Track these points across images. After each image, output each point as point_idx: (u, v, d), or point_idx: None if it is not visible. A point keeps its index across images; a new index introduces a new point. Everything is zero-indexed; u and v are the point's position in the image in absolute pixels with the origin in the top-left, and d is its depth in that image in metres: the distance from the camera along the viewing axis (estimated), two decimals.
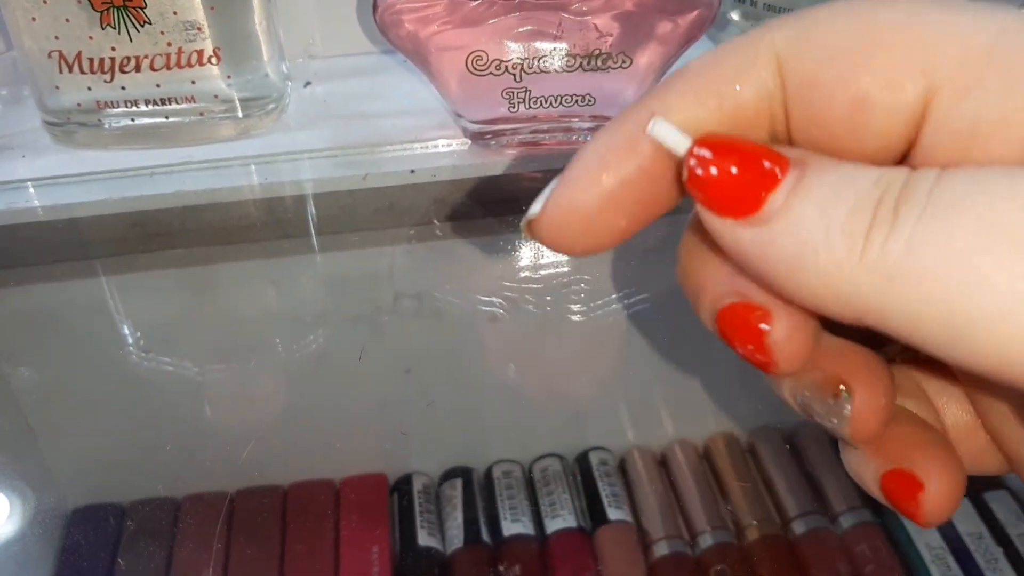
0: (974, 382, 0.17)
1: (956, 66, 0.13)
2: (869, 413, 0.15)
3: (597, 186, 0.15)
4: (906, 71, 0.13)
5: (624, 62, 0.38)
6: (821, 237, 0.12)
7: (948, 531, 0.46)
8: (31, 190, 0.38)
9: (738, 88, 0.14)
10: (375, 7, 0.37)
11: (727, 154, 0.14)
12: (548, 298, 0.44)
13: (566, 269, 0.44)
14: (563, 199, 0.15)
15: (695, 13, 0.37)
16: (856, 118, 0.14)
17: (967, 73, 0.13)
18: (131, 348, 0.41)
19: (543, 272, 0.43)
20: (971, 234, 0.11)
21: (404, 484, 0.49)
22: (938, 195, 0.12)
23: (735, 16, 0.44)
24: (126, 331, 0.41)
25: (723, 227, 0.14)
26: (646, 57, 0.38)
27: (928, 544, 0.46)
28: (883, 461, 0.16)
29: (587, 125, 0.41)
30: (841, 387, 0.15)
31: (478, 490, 0.50)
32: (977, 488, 0.48)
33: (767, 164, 0.13)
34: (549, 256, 0.43)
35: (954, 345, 0.12)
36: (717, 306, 0.15)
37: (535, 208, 0.16)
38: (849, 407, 0.15)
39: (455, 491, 0.49)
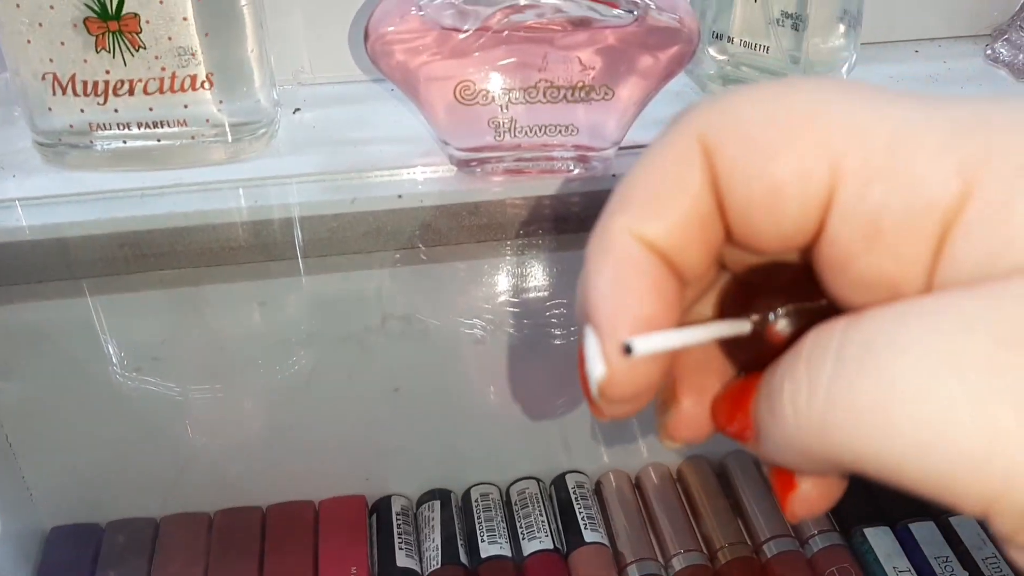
0: None
1: (859, 161, 0.14)
2: (674, 425, 0.18)
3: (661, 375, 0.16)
4: (814, 163, 0.14)
5: (607, 94, 0.40)
6: (775, 413, 0.14)
7: (915, 555, 0.47)
8: (20, 210, 0.39)
9: (686, 192, 0.15)
10: (366, 36, 0.38)
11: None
12: (526, 322, 0.45)
13: (546, 294, 0.45)
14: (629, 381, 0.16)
15: (675, 48, 0.38)
16: (771, 205, 0.15)
17: (868, 168, 0.13)
18: (116, 367, 0.41)
19: (525, 296, 0.44)
20: (873, 393, 0.13)
21: (383, 505, 0.50)
22: (842, 356, 0.13)
23: (712, 52, 0.46)
24: (112, 351, 0.41)
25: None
26: (628, 90, 0.40)
27: (896, 567, 0.47)
28: None
29: (569, 154, 0.42)
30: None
31: (456, 512, 0.50)
32: (944, 513, 0.49)
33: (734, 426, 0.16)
34: (530, 281, 0.44)
35: (897, 478, 0.13)
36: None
37: (598, 371, 0.16)
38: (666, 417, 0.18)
39: (433, 513, 0.50)
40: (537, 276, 0.44)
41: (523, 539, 0.49)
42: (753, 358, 0.17)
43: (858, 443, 0.13)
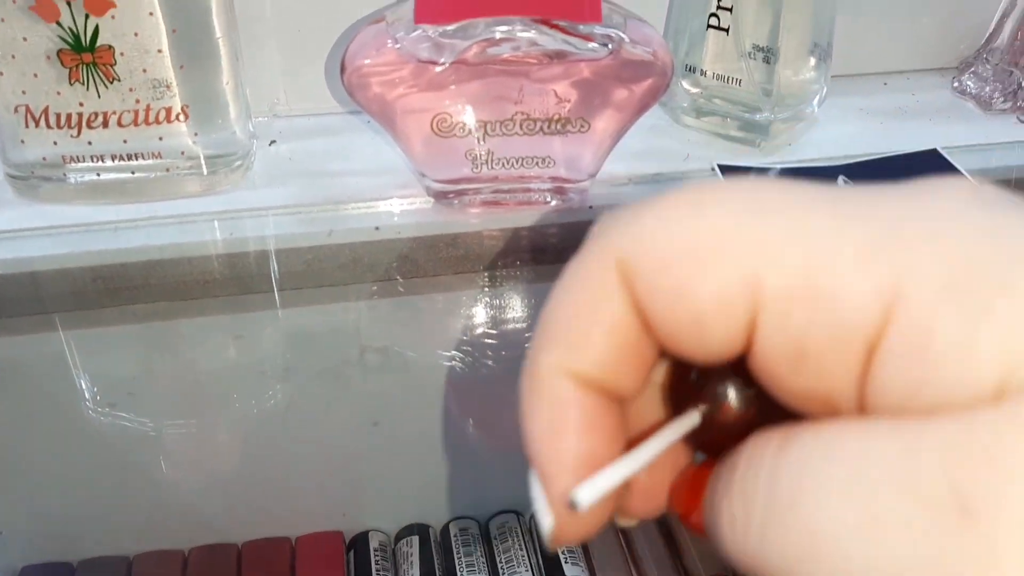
0: None
1: (776, 285, 0.13)
2: (630, 505, 0.18)
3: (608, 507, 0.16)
4: (733, 289, 0.13)
5: (582, 126, 0.40)
6: (718, 532, 0.14)
7: None
8: None
9: (609, 322, 0.15)
10: (343, 69, 0.38)
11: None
12: (505, 353, 0.45)
13: (524, 325, 0.45)
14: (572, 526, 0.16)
15: (649, 81, 0.39)
16: (696, 331, 0.14)
17: (787, 292, 0.13)
18: (89, 403, 0.40)
19: (503, 327, 0.44)
20: (799, 545, 0.12)
21: (361, 541, 0.49)
22: (772, 492, 0.13)
23: (685, 84, 0.46)
24: (85, 386, 0.40)
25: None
26: (603, 122, 0.40)
27: None
28: None
29: (546, 186, 0.42)
30: None
31: (435, 547, 0.49)
32: None
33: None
34: (509, 312, 0.44)
35: None
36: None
37: (547, 522, 0.16)
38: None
39: (412, 548, 0.49)
40: (515, 307, 0.44)
41: (503, 573, 0.49)
42: (708, 443, 0.16)
43: None
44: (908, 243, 0.12)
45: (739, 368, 0.15)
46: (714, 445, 0.16)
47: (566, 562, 0.49)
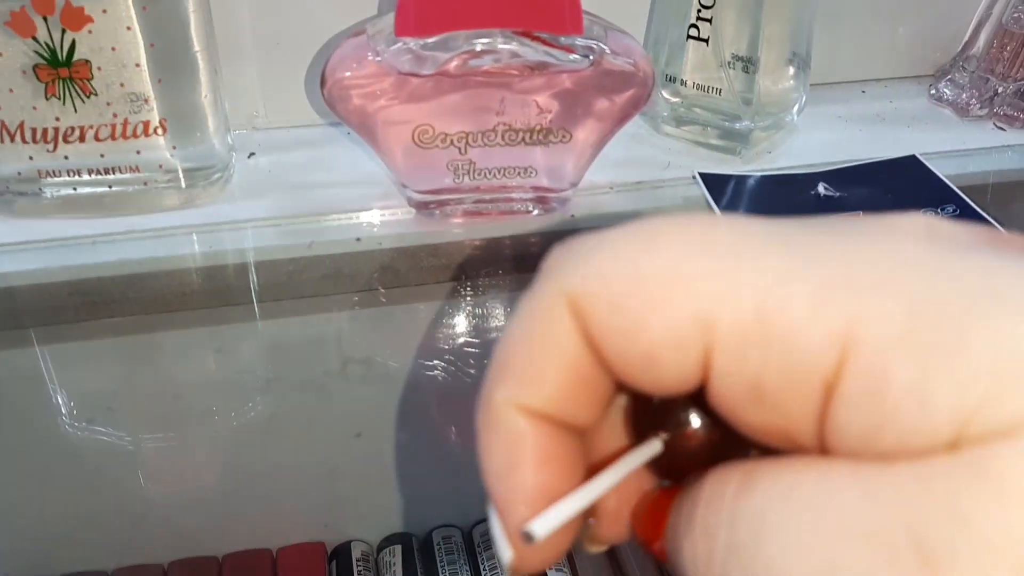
0: None
1: (730, 326, 0.13)
2: (598, 530, 0.18)
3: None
4: (685, 330, 0.13)
5: (564, 137, 0.40)
6: (681, 565, 0.14)
7: None
8: None
9: (562, 356, 0.15)
10: (323, 81, 0.38)
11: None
12: (487, 363, 0.45)
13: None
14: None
15: (630, 92, 0.39)
16: (648, 369, 0.14)
17: (741, 333, 0.13)
18: (67, 418, 0.40)
19: (486, 337, 0.44)
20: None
21: (343, 552, 0.49)
22: (734, 533, 0.13)
23: (665, 94, 0.46)
24: (63, 401, 0.40)
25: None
26: (585, 132, 0.40)
27: None
28: None
29: (528, 196, 0.42)
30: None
31: (418, 556, 0.49)
32: None
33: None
34: (492, 322, 0.44)
35: None
36: None
37: (505, 555, 0.16)
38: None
39: (394, 558, 0.49)
40: (498, 317, 0.44)
41: None
42: (670, 470, 0.16)
43: None
44: (861, 287, 0.12)
45: (701, 394, 0.15)
46: (678, 471, 0.16)
47: (550, 568, 0.49)
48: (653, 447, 0.16)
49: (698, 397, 0.15)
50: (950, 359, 0.11)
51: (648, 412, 0.17)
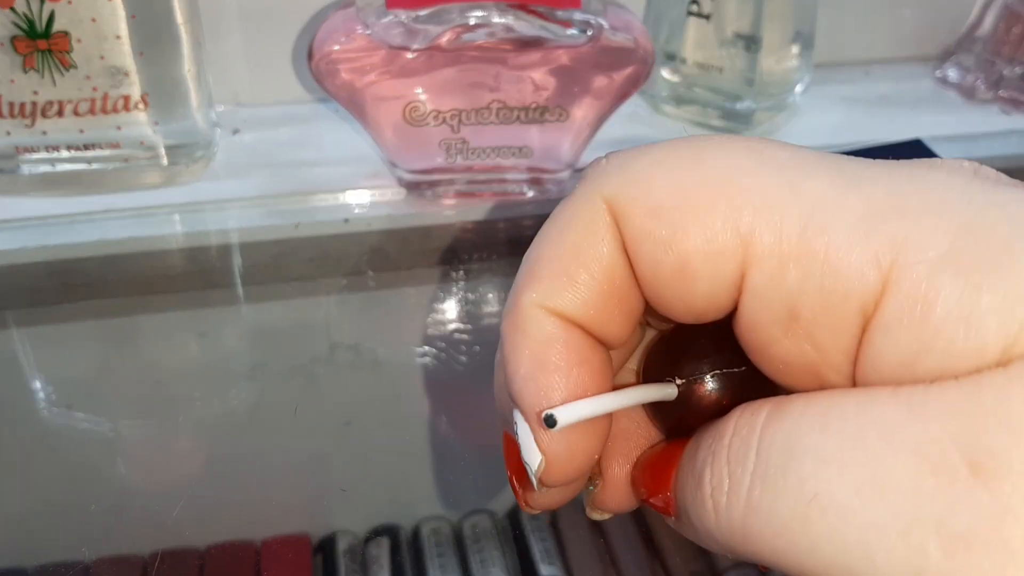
0: None
1: (771, 243, 0.13)
2: (600, 496, 0.17)
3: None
4: (724, 241, 0.13)
5: (561, 115, 0.39)
6: (696, 503, 0.13)
7: None
8: None
9: (597, 262, 0.15)
10: (310, 55, 0.36)
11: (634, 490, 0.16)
12: (479, 349, 0.44)
13: (500, 320, 0.43)
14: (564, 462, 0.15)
15: (630, 69, 0.38)
16: (680, 282, 0.14)
17: (781, 251, 0.13)
18: (45, 404, 0.39)
19: (478, 323, 0.42)
20: (794, 507, 0.12)
21: (328, 544, 0.48)
22: (764, 457, 0.12)
23: (665, 73, 0.45)
24: (41, 386, 0.39)
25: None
26: (582, 111, 0.39)
27: None
28: None
29: (523, 176, 0.41)
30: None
31: (406, 548, 0.48)
32: None
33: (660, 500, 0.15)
34: (484, 307, 0.42)
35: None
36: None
37: (535, 459, 0.15)
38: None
39: (381, 550, 0.48)
40: (491, 302, 0.42)
41: (476, 575, 0.48)
42: (678, 423, 0.16)
43: (779, 553, 0.12)
44: (909, 212, 0.12)
45: (721, 350, 0.15)
46: (684, 427, 0.16)
47: (541, 562, 0.48)
48: (669, 390, 0.16)
49: (720, 353, 0.15)
50: (998, 278, 0.11)
51: (667, 359, 0.16)
